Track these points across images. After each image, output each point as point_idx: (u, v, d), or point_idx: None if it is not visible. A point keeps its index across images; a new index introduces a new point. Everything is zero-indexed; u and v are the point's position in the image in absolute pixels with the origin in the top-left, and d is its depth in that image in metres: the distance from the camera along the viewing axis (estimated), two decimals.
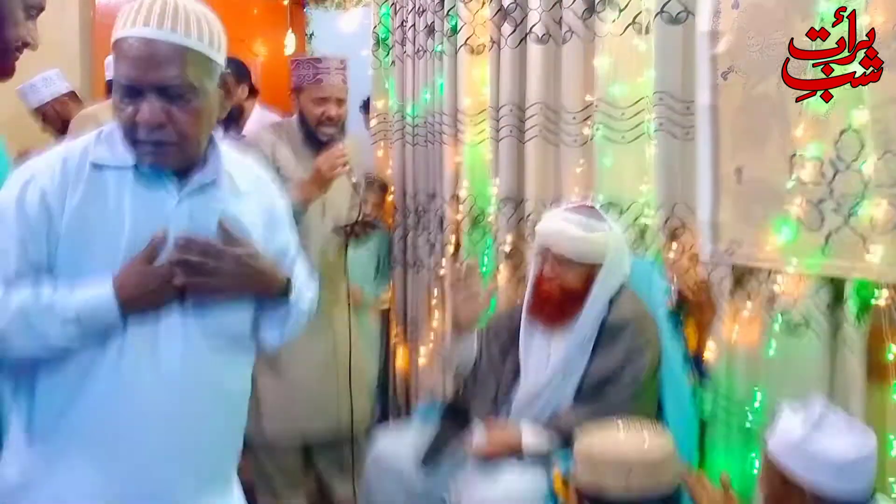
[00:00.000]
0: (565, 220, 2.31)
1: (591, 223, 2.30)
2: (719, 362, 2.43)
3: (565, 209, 2.38)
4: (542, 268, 2.35)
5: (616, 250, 2.32)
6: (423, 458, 2.35)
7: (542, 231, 2.36)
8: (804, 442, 1.63)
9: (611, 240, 2.31)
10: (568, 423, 2.20)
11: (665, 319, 2.43)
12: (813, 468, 1.62)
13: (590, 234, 2.28)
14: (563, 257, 2.29)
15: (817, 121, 2.10)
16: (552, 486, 2.11)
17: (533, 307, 2.40)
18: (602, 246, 2.29)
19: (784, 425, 1.70)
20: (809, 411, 1.68)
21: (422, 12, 3.27)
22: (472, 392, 2.48)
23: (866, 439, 1.65)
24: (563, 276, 2.31)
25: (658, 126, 2.49)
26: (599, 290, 2.30)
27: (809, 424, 1.65)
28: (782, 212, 2.20)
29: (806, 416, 1.67)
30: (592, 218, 2.32)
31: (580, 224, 2.29)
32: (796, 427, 1.66)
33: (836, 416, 1.67)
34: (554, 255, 2.31)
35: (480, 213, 3.13)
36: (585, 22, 2.72)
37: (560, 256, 2.30)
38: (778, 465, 1.68)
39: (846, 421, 1.68)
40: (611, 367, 2.26)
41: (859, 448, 1.62)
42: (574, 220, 2.30)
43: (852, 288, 2.07)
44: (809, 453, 1.63)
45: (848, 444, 1.62)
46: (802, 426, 1.65)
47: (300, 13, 4.22)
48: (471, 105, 3.10)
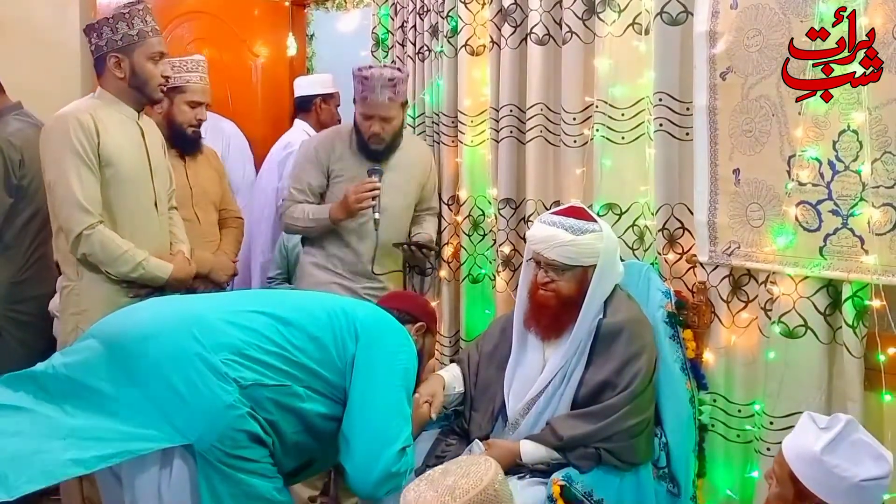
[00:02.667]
0: (554, 226, 2.27)
1: (580, 226, 2.27)
2: (717, 366, 2.42)
3: (553, 213, 2.35)
4: (536, 274, 2.34)
5: (608, 250, 2.30)
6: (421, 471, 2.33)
7: (533, 238, 2.32)
8: (821, 457, 1.63)
9: (602, 240, 2.28)
10: (565, 431, 2.19)
11: (663, 322, 2.41)
12: (825, 484, 1.63)
13: (580, 237, 2.26)
14: (556, 263, 2.27)
15: (817, 121, 2.09)
16: (551, 495, 2.10)
17: (529, 316, 2.38)
18: (594, 248, 2.27)
19: (805, 436, 1.69)
20: (832, 427, 1.66)
21: (422, 13, 3.26)
22: (469, 410, 2.46)
23: (883, 464, 1.64)
24: (557, 282, 2.29)
25: (658, 127, 2.48)
26: (595, 293, 2.29)
27: (829, 441, 1.64)
28: (781, 213, 2.19)
29: (828, 431, 1.66)
30: (581, 220, 2.29)
31: (570, 228, 2.26)
32: (816, 441, 1.65)
33: (858, 435, 1.66)
34: (546, 261, 2.29)
35: (480, 215, 3.12)
36: (585, 23, 2.71)
37: (553, 262, 2.28)
38: (792, 471, 1.67)
39: (867, 443, 1.66)
40: (607, 373, 2.23)
41: (874, 472, 1.62)
42: (563, 224, 2.27)
43: (850, 290, 2.06)
44: (825, 469, 1.63)
45: (864, 467, 1.62)
46: (822, 441, 1.64)
47: (301, 14, 4.22)
48: (471, 106, 3.09)
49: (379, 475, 1.92)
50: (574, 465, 2.17)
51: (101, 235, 2.44)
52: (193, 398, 1.80)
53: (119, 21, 2.51)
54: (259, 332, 1.93)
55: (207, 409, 1.80)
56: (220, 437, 1.80)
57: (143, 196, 2.58)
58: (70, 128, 2.45)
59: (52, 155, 2.49)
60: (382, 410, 1.96)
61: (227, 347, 1.87)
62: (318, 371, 1.95)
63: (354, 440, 1.94)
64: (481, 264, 3.15)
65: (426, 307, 2.49)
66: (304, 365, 1.94)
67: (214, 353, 1.85)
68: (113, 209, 2.51)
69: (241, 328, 1.93)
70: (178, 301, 2.18)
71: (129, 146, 2.56)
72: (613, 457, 2.16)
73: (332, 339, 1.99)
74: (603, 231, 2.30)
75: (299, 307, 2.05)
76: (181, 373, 1.82)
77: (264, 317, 1.97)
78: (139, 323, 1.95)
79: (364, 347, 2.00)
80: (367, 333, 2.02)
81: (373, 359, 2.00)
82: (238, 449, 1.82)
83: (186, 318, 1.93)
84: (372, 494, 1.98)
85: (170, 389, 1.82)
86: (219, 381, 1.82)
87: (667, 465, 2.33)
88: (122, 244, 2.46)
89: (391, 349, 2.04)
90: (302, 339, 1.96)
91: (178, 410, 1.80)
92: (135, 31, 2.52)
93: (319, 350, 1.97)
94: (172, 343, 1.87)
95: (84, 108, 2.52)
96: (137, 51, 2.52)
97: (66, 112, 2.50)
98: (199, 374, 1.82)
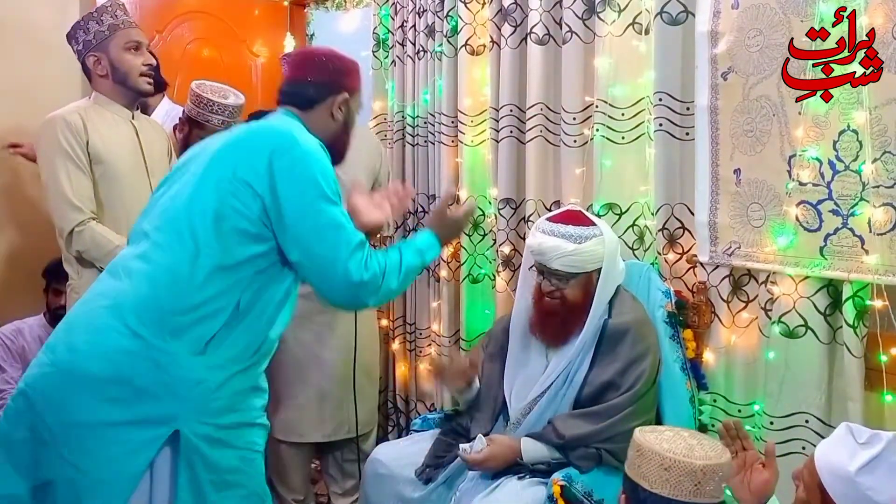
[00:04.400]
0: (554, 235, 2.26)
1: (580, 232, 2.26)
2: (717, 366, 2.42)
3: (551, 220, 2.33)
4: (540, 283, 2.33)
5: (610, 253, 2.29)
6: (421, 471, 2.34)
7: (534, 249, 2.30)
8: (856, 478, 1.53)
9: (603, 244, 2.27)
10: (567, 430, 2.19)
11: (663, 322, 2.41)
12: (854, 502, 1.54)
13: (583, 244, 2.24)
14: (561, 272, 2.27)
15: (817, 121, 2.09)
16: (552, 494, 2.10)
17: (535, 323, 2.37)
18: (597, 253, 2.26)
19: (841, 449, 1.59)
20: (872, 444, 1.56)
21: (422, 13, 3.26)
22: (474, 410, 2.46)
23: None
24: (563, 290, 2.28)
25: (658, 127, 2.48)
26: (601, 296, 2.28)
27: (868, 460, 1.54)
28: (781, 213, 2.19)
29: (867, 448, 1.55)
30: (581, 225, 2.28)
31: (570, 237, 2.25)
32: (853, 458, 1.55)
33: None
34: (550, 271, 2.29)
35: (480, 215, 3.12)
36: (585, 23, 2.71)
37: (557, 272, 2.27)
38: (822, 482, 1.59)
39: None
40: (611, 373, 2.23)
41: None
42: (564, 233, 2.26)
43: (850, 290, 2.06)
44: (858, 490, 1.53)
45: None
46: (860, 459, 1.54)
47: (301, 14, 4.21)
48: (471, 106, 3.09)
49: (345, 292, 1.85)
50: (574, 464, 2.17)
51: (93, 232, 2.45)
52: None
53: (89, 21, 2.57)
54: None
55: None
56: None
57: (139, 193, 2.58)
58: (58, 128, 2.48)
59: (43, 156, 2.53)
60: (314, 236, 1.82)
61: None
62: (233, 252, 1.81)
63: (305, 271, 1.86)
64: (481, 264, 3.14)
65: (341, 62, 2.04)
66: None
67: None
68: (107, 206, 2.52)
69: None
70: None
71: (121, 144, 2.58)
72: (614, 457, 2.15)
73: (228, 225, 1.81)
74: (603, 234, 2.29)
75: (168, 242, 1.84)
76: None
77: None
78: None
79: (256, 195, 1.80)
80: (243, 182, 1.80)
81: (277, 195, 1.80)
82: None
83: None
84: (353, 306, 2.10)
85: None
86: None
87: None
88: (114, 239, 2.46)
89: (284, 174, 1.81)
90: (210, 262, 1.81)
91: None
92: (105, 27, 2.56)
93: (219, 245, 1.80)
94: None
95: (73, 109, 2.56)
96: (111, 44, 2.55)
97: (56, 114, 2.54)
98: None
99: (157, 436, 1.75)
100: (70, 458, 1.73)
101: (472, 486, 2.23)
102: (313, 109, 2.00)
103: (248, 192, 1.80)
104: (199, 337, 1.78)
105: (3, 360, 3.14)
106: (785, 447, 2.17)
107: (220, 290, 1.79)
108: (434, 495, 2.31)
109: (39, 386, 1.78)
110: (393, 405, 3.61)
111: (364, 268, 1.84)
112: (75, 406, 1.74)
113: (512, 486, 2.17)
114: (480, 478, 2.23)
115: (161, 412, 1.75)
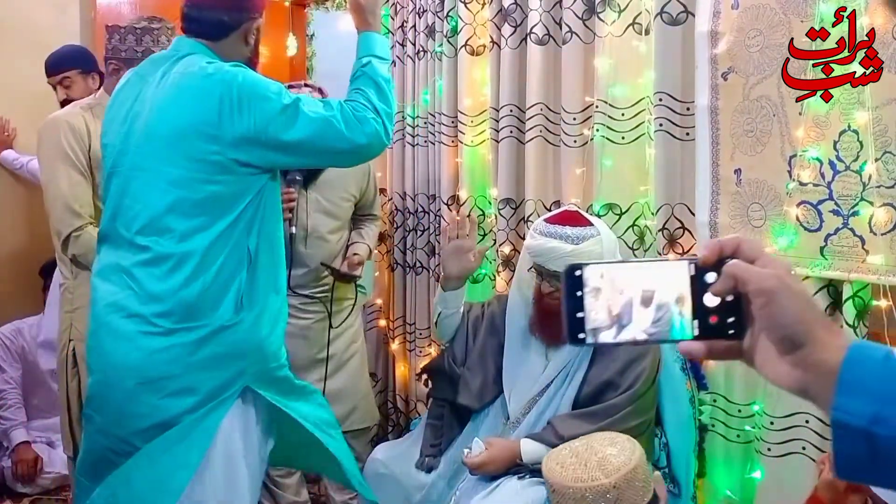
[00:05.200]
0: (552, 237, 2.27)
1: (578, 233, 2.26)
2: (717, 366, 2.41)
3: (548, 221, 2.33)
4: (540, 284, 2.33)
5: (609, 252, 2.29)
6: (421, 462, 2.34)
7: (533, 251, 2.31)
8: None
9: (601, 244, 2.28)
10: (566, 430, 2.18)
11: None
12: None
13: (580, 245, 2.24)
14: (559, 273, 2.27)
15: (817, 121, 2.09)
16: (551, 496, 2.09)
17: (535, 323, 2.37)
18: (595, 253, 2.26)
19: None
20: None
21: (422, 13, 3.26)
22: (459, 373, 2.46)
23: None
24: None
25: (658, 127, 2.47)
26: None
27: None
28: (782, 213, 2.19)
29: None
30: (578, 226, 2.28)
31: (568, 238, 2.25)
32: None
33: None
34: (549, 272, 2.28)
35: (480, 215, 3.12)
36: (585, 23, 2.70)
37: (556, 273, 2.27)
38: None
39: None
40: (611, 373, 2.23)
41: None
42: (561, 234, 2.26)
43: (851, 290, 2.06)
44: None
45: None
46: None
47: (301, 14, 4.22)
48: (471, 106, 3.09)
49: (363, 154, 1.99)
50: None
51: (90, 237, 2.44)
52: None
53: (129, 34, 2.53)
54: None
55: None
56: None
57: None
58: (61, 132, 2.48)
59: (44, 158, 2.53)
60: (303, 145, 1.89)
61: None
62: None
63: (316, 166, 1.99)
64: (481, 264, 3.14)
65: None
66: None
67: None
68: None
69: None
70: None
71: None
72: None
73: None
74: (601, 234, 2.29)
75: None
76: None
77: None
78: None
79: (222, 153, 1.84)
80: (203, 150, 1.83)
81: (246, 136, 1.84)
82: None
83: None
84: (376, 153, 2.07)
85: None
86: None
87: (667, 465, 2.33)
88: None
89: (242, 115, 1.86)
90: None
91: None
92: (141, 49, 2.52)
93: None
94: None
95: (78, 111, 2.54)
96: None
97: (59, 115, 2.53)
98: None
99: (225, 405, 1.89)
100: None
101: (471, 485, 2.23)
102: (227, 38, 1.99)
103: (212, 153, 1.84)
104: (234, 296, 1.86)
105: (2, 360, 3.15)
106: (785, 447, 2.17)
107: (229, 254, 1.86)
108: (434, 495, 2.31)
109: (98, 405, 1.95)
110: (393, 405, 3.61)
111: (359, 124, 1.90)
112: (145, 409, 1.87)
113: (511, 486, 2.17)
114: (480, 477, 2.24)
115: (228, 377, 1.88)
